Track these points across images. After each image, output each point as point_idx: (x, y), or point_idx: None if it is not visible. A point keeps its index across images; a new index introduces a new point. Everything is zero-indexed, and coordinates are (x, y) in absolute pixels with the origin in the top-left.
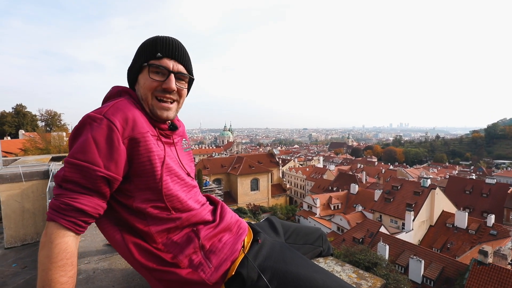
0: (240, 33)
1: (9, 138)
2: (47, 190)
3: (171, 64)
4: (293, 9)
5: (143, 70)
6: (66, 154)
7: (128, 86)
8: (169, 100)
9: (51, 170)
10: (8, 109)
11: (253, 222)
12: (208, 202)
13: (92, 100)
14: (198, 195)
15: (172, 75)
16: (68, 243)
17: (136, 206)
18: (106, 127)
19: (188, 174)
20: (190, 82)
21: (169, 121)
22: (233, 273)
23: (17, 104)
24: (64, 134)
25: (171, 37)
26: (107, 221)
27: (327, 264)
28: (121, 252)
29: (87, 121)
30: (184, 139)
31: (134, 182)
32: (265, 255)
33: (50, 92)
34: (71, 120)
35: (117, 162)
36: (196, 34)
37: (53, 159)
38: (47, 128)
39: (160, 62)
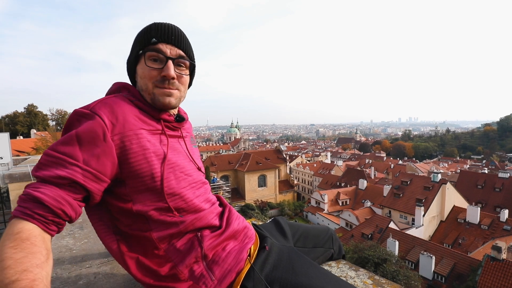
0: (246, 30)
1: (21, 137)
2: None
3: (168, 49)
4: (298, 3)
5: (140, 59)
6: None
7: (128, 82)
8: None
9: None
10: (20, 109)
11: (259, 223)
12: (218, 203)
13: None
14: (208, 193)
15: (170, 62)
16: (24, 227)
17: (136, 209)
18: (93, 122)
19: (199, 169)
20: (192, 69)
21: (174, 113)
22: (238, 287)
23: (28, 104)
24: None
25: (167, 22)
26: (105, 228)
27: (340, 269)
28: (119, 263)
29: (74, 118)
30: (191, 136)
31: (130, 184)
32: (273, 264)
33: (60, 92)
34: None
35: (99, 157)
36: (202, 32)
37: None
38: (58, 127)
39: (155, 47)
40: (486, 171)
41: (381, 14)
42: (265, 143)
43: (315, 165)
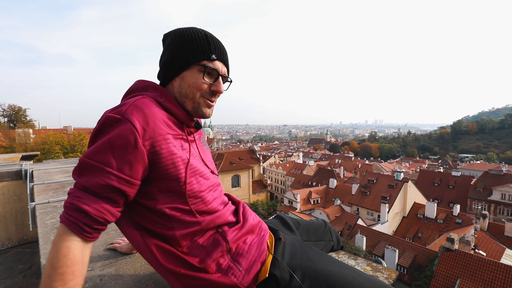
0: (220, 30)
1: None
2: (28, 192)
3: (221, 66)
4: (273, 5)
5: (193, 68)
6: (36, 153)
7: (145, 79)
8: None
9: (24, 170)
10: None
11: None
12: (230, 202)
13: (62, 95)
14: (222, 195)
15: (220, 78)
16: (70, 249)
17: (159, 208)
18: (125, 128)
19: (212, 172)
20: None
21: (195, 120)
22: (267, 275)
23: None
24: (31, 131)
25: (216, 37)
26: (127, 222)
27: (340, 259)
28: (144, 256)
29: (107, 122)
30: (202, 136)
31: (156, 185)
32: (290, 254)
33: (14, 86)
34: (38, 116)
35: (132, 164)
36: (175, 27)
37: (24, 158)
38: (11, 125)
39: (213, 64)
40: (441, 170)
41: (349, 20)
42: (238, 143)
43: (287, 165)
